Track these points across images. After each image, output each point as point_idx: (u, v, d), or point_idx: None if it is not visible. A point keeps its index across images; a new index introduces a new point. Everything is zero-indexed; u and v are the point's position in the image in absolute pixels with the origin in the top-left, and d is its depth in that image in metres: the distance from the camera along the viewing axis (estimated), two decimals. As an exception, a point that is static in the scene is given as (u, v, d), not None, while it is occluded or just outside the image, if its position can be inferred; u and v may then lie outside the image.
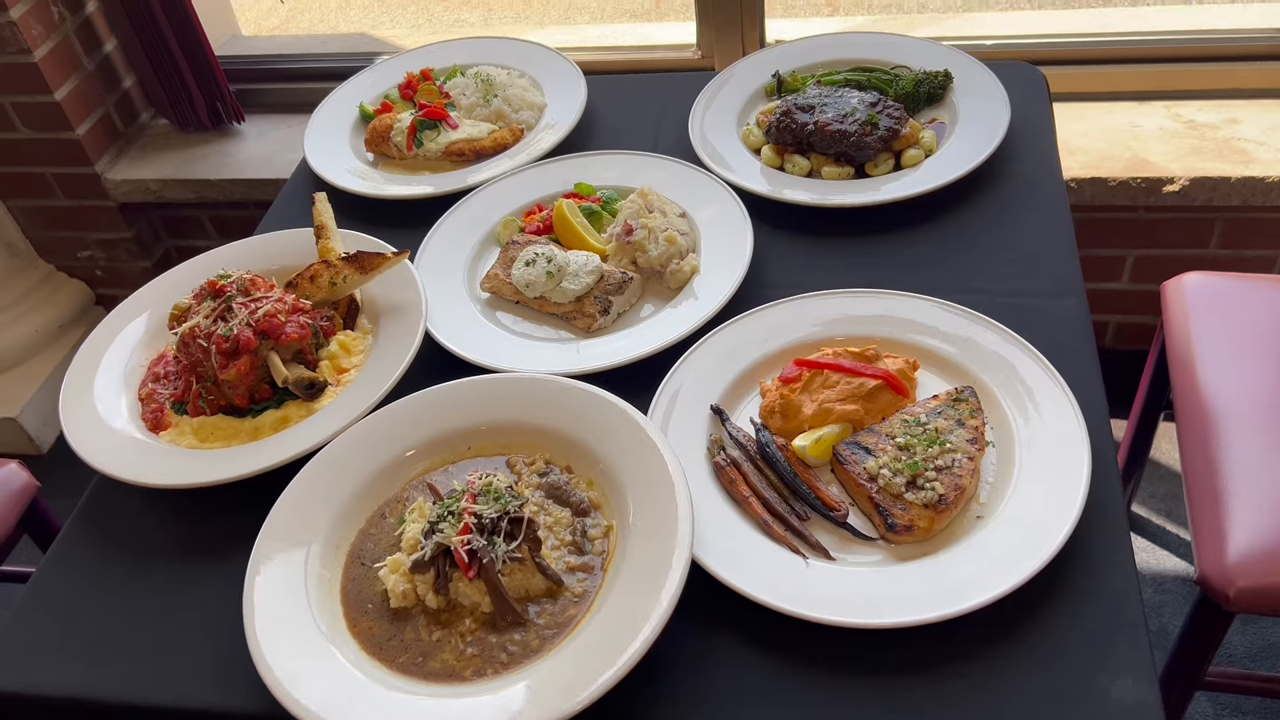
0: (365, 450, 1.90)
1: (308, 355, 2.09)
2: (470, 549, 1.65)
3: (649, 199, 2.30)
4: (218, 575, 1.82)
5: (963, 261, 2.19)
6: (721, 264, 2.20)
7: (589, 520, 1.79)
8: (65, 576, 1.88)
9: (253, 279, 2.08)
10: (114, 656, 1.74)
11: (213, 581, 1.82)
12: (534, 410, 1.92)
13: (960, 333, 1.97)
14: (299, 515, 1.81)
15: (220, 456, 1.98)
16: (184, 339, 2.04)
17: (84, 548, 1.93)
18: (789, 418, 1.87)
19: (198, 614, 1.78)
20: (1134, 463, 3.23)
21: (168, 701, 1.67)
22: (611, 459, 1.82)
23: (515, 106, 2.73)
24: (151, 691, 1.69)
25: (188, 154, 4.18)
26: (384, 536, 1.83)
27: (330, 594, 1.74)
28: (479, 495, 1.71)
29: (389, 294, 2.22)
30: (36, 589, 1.87)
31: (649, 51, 4.17)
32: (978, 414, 1.81)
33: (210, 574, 1.84)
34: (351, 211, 2.58)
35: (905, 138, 2.40)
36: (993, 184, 2.36)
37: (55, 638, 1.78)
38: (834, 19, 6.11)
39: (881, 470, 1.73)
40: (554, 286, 2.17)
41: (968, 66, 2.61)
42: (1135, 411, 3.04)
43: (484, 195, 2.49)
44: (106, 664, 1.73)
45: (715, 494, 1.81)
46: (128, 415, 2.10)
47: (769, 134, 2.49)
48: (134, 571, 1.87)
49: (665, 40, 4.33)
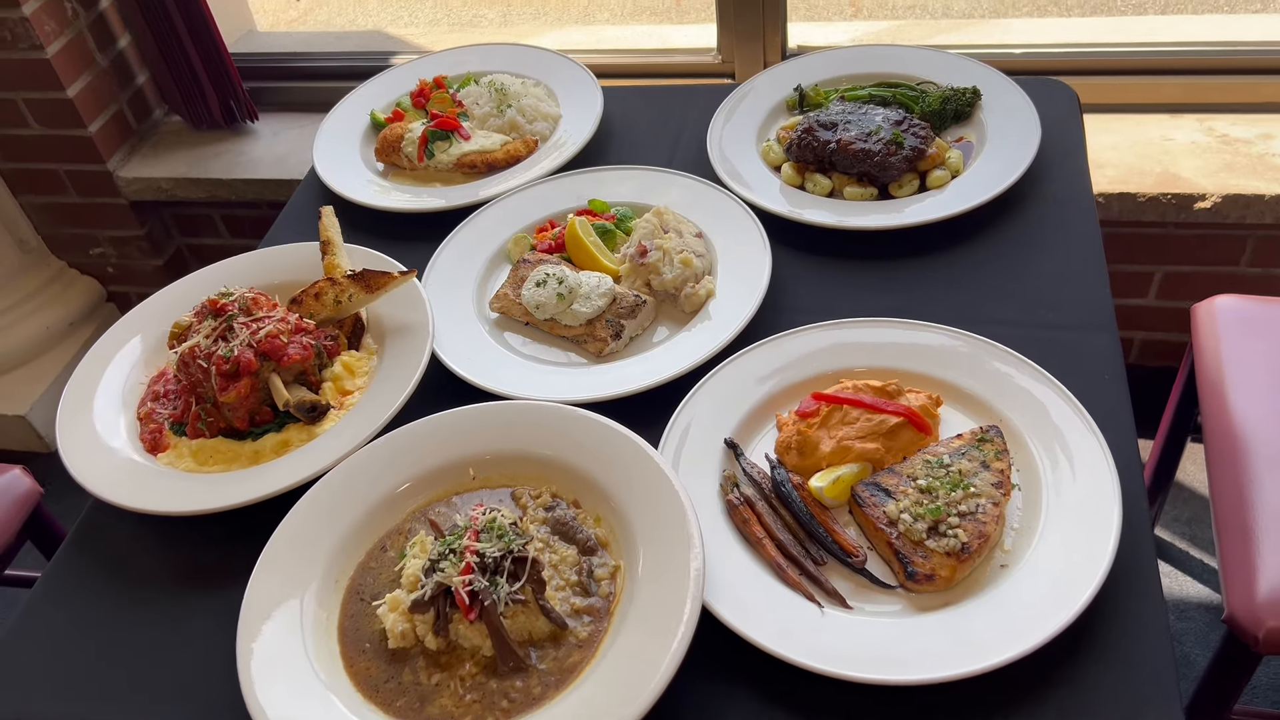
0: (365, 480, 1.84)
1: (310, 376, 2.03)
2: (472, 590, 1.59)
3: (664, 218, 2.23)
4: (212, 607, 1.76)
5: (990, 290, 2.11)
6: (738, 287, 2.13)
7: (596, 559, 1.72)
8: (56, 606, 1.83)
9: (254, 298, 2.02)
10: (101, 693, 1.69)
11: (206, 614, 1.76)
12: (541, 440, 1.86)
13: (986, 367, 1.89)
14: (296, 549, 1.75)
15: (218, 481, 1.92)
16: (183, 359, 1.98)
17: (76, 575, 1.88)
18: (806, 454, 1.80)
19: (189, 651, 1.72)
20: (1158, 485, 3.14)
21: (157, 742, 1.62)
22: (621, 495, 1.76)
23: (529, 117, 2.66)
24: (141, 730, 1.64)
25: (200, 152, 4.13)
26: (384, 571, 1.77)
27: (327, 633, 1.68)
28: (482, 532, 1.65)
29: (395, 313, 2.16)
30: (26, 618, 1.81)
31: (668, 55, 4.09)
32: (1003, 456, 1.73)
33: (204, 606, 1.78)
34: (360, 223, 2.52)
35: (931, 158, 2.32)
36: (1021, 207, 2.28)
37: (41, 670, 1.73)
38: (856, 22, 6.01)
39: (902, 515, 1.66)
40: (564, 309, 2.10)
41: (996, 83, 2.52)
42: (1161, 434, 2.96)
43: (495, 210, 2.42)
44: (93, 700, 1.68)
45: (727, 533, 1.74)
46: (126, 435, 2.05)
47: (789, 151, 2.41)
48: (125, 603, 1.81)
49: (684, 44, 4.26)
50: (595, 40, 4.46)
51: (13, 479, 2.78)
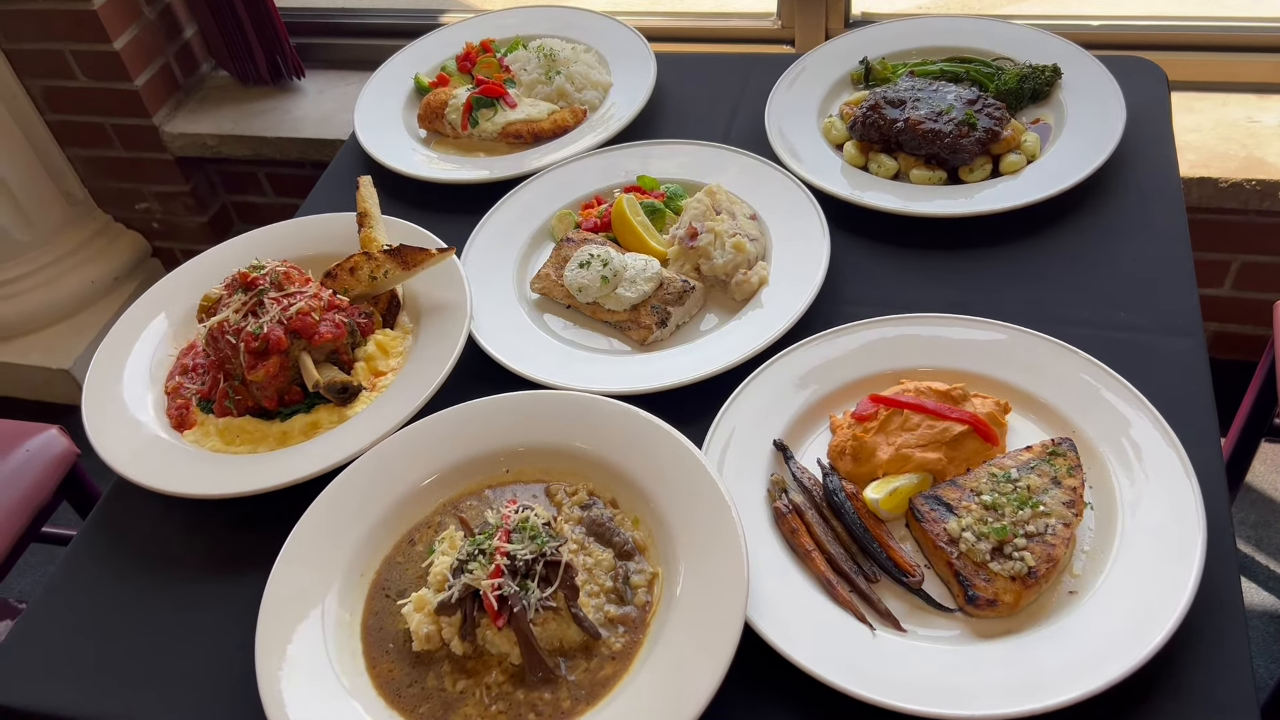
0: (394, 469, 1.76)
1: (343, 355, 1.95)
2: (501, 594, 1.50)
3: (716, 198, 2.11)
4: (233, 595, 1.70)
5: (1066, 286, 1.96)
6: (793, 275, 2.01)
7: (633, 565, 1.63)
8: (76, 589, 1.78)
9: (286, 272, 1.93)
10: (119, 680, 1.63)
11: (228, 603, 1.69)
12: (579, 434, 1.76)
13: (1060, 373, 1.76)
14: (319, 542, 1.68)
15: (245, 462, 1.85)
16: (212, 334, 1.90)
17: (97, 557, 1.82)
18: (861, 461, 1.68)
19: (210, 639, 1.66)
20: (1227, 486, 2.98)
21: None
22: (661, 496, 1.65)
23: (579, 85, 2.54)
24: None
25: (246, 109, 4.06)
26: (411, 566, 1.69)
27: (350, 632, 1.61)
28: (514, 532, 1.56)
29: (432, 291, 2.06)
30: (45, 601, 1.76)
31: (725, 19, 3.93)
32: (1076, 472, 1.60)
33: (225, 594, 1.71)
34: (400, 192, 2.43)
35: (1006, 140, 2.17)
36: (1102, 197, 2.12)
37: (60, 655, 1.68)
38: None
39: (964, 533, 1.54)
40: (608, 293, 1.99)
41: (1078, 60, 2.35)
42: (1234, 433, 2.80)
43: (540, 184, 2.31)
44: (110, 687, 1.63)
45: (774, 543, 1.63)
46: (153, 410, 1.98)
47: (853, 129, 2.27)
48: (145, 588, 1.75)
49: (743, 7, 4.09)
50: (650, 2, 4.31)
51: (49, 439, 2.74)
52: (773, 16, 3.77)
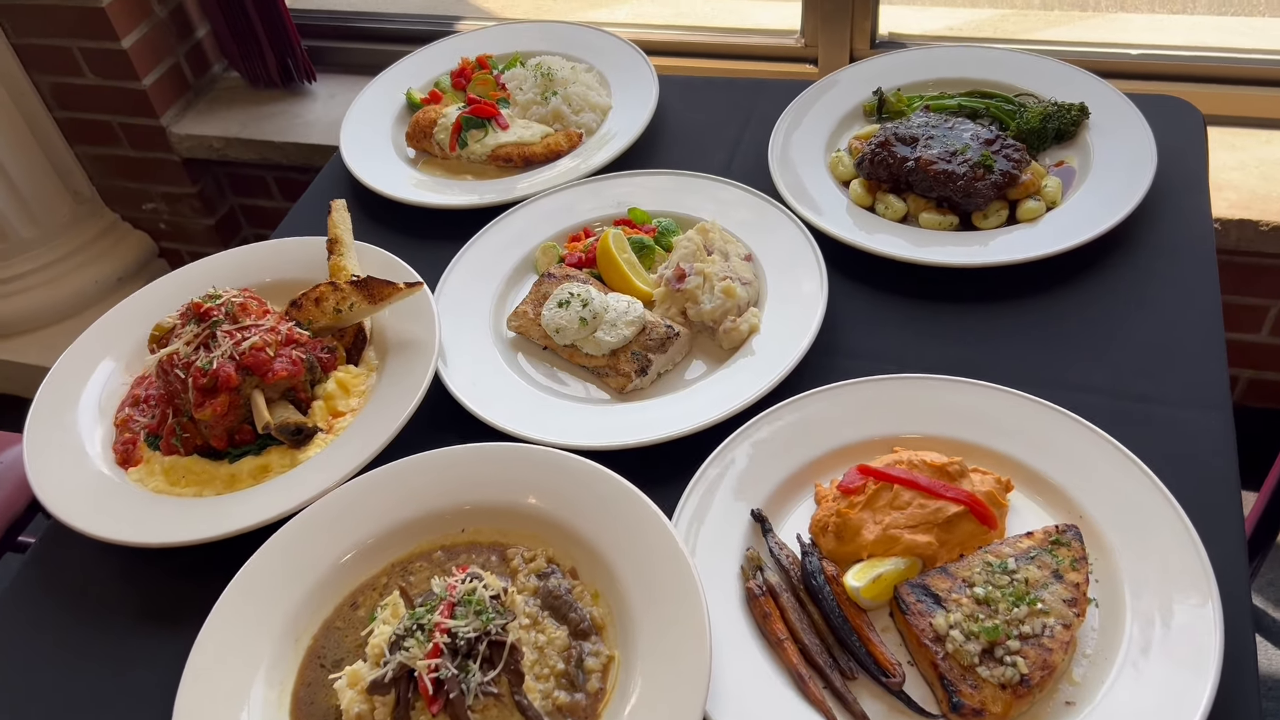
0: (342, 524, 1.63)
1: (300, 393, 1.83)
2: (438, 677, 1.37)
3: (709, 237, 1.96)
4: (170, 650, 1.55)
5: (1083, 349, 1.80)
6: (787, 323, 1.86)
7: (588, 646, 1.49)
8: (3, 634, 1.66)
9: (243, 303, 1.82)
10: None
11: (163, 659, 1.55)
12: (541, 493, 1.63)
13: (1069, 448, 1.60)
14: (256, 602, 1.55)
15: (188, 507, 1.73)
16: (162, 366, 1.79)
17: (30, 602, 1.70)
18: (845, 540, 1.53)
19: (139, 703, 1.53)
20: (1257, 544, 2.80)
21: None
22: (626, 571, 1.52)
23: (576, 107, 2.40)
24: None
25: (255, 112, 3.97)
26: (351, 632, 1.56)
27: (278, 709, 1.48)
28: (458, 605, 1.42)
29: (401, 325, 1.94)
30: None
31: (747, 35, 3.79)
32: (1081, 565, 1.44)
33: (161, 649, 1.58)
34: (381, 213, 2.31)
35: (1024, 185, 2.01)
36: (1128, 251, 1.95)
37: (-26, 708, 1.57)
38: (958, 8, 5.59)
39: (952, 631, 1.39)
40: (586, 335, 1.86)
41: (1108, 98, 2.18)
42: (1268, 487, 2.62)
43: (527, 211, 2.18)
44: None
45: (744, 626, 1.49)
46: (100, 444, 1.87)
47: (861, 166, 2.11)
48: (72, 640, 1.64)
49: (766, 23, 3.95)
50: (674, 14, 4.17)
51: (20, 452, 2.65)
52: (796, 34, 3.63)
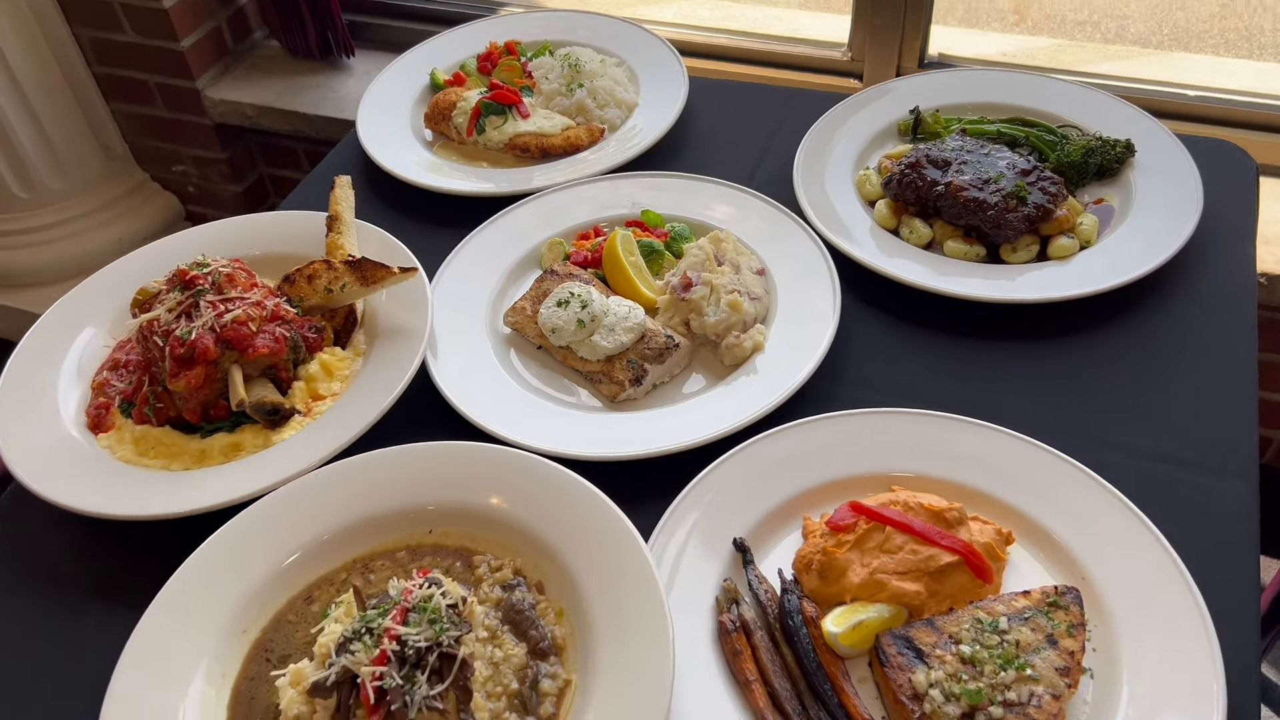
0: (306, 513, 1.56)
1: (281, 372, 1.76)
2: (381, 686, 1.29)
3: (722, 247, 1.88)
4: (121, 625, 1.46)
5: (1105, 401, 1.70)
6: (793, 344, 1.77)
7: (546, 667, 1.40)
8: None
9: (231, 274, 1.75)
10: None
11: (113, 633, 1.46)
12: (515, 499, 1.54)
13: (1079, 505, 1.50)
14: (207, 586, 1.48)
15: (153, 480, 1.67)
16: (142, 331, 1.73)
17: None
18: (829, 581, 1.44)
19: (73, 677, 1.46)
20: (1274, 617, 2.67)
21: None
22: (593, 591, 1.43)
23: (601, 101, 2.32)
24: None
25: (292, 82, 3.93)
26: (303, 628, 1.49)
27: (216, 702, 1.41)
28: (412, 611, 1.35)
29: (394, 310, 1.87)
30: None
31: (793, 45, 3.70)
32: (1078, 631, 1.34)
33: (114, 622, 1.50)
34: (390, 193, 2.24)
35: (1058, 220, 1.90)
36: (1163, 299, 1.84)
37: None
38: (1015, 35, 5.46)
39: (932, 690, 1.29)
40: (583, 338, 1.78)
41: (1156, 137, 2.07)
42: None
43: (538, 204, 2.10)
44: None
45: (712, 661, 1.40)
46: (76, 406, 1.81)
47: (889, 186, 2.02)
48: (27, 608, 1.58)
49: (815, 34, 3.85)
50: (721, 17, 4.09)
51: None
52: (843, 47, 3.53)
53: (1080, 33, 5.56)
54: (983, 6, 5.89)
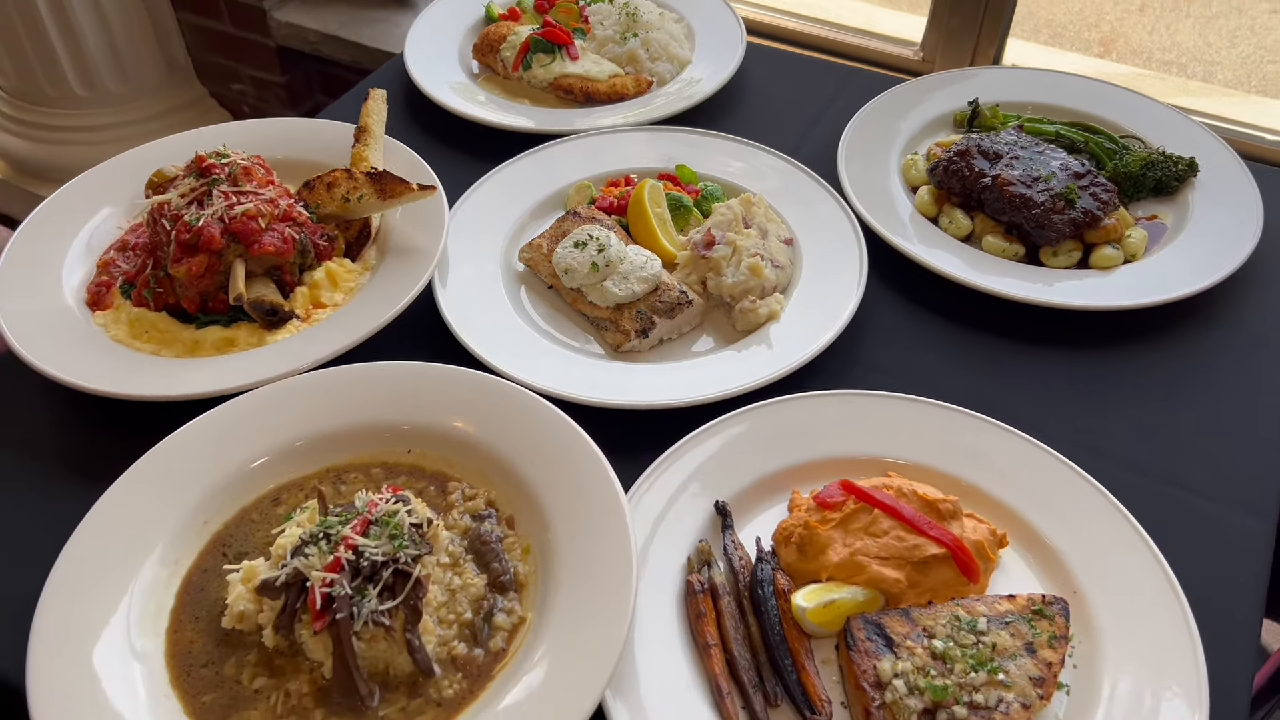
0: (285, 415, 1.52)
1: (286, 275, 1.72)
2: (330, 593, 1.25)
3: (752, 210, 1.81)
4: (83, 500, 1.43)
5: (1129, 419, 1.62)
6: (810, 319, 1.71)
7: (503, 602, 1.36)
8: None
9: (248, 167, 1.72)
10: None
11: (73, 506, 1.43)
12: (499, 432, 1.50)
13: (1084, 519, 1.42)
14: (176, 472, 1.45)
15: (140, 362, 1.64)
16: (152, 213, 1.70)
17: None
18: (808, 556, 1.38)
19: (38, 542, 1.43)
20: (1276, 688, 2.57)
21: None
22: (563, 533, 1.38)
23: (653, 54, 2.26)
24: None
25: (358, 14, 3.90)
26: (265, 528, 1.45)
27: (167, 586, 1.37)
28: (374, 524, 1.30)
29: (409, 230, 1.82)
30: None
31: (865, 38, 3.61)
32: (1059, 644, 1.27)
33: (76, 496, 1.46)
34: (426, 119, 2.20)
35: (1105, 230, 1.82)
36: (1203, 325, 1.76)
37: None
38: (1097, 60, 5.32)
39: (896, 680, 1.23)
40: (595, 282, 1.72)
41: (1221, 159, 1.98)
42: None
43: (573, 146, 2.05)
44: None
45: (674, 622, 1.34)
46: (79, 281, 1.79)
47: (934, 172, 1.94)
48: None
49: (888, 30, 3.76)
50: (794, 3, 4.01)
51: None
52: (916, 47, 3.43)
53: (1166, 69, 5.41)
54: (1069, 34, 5.74)
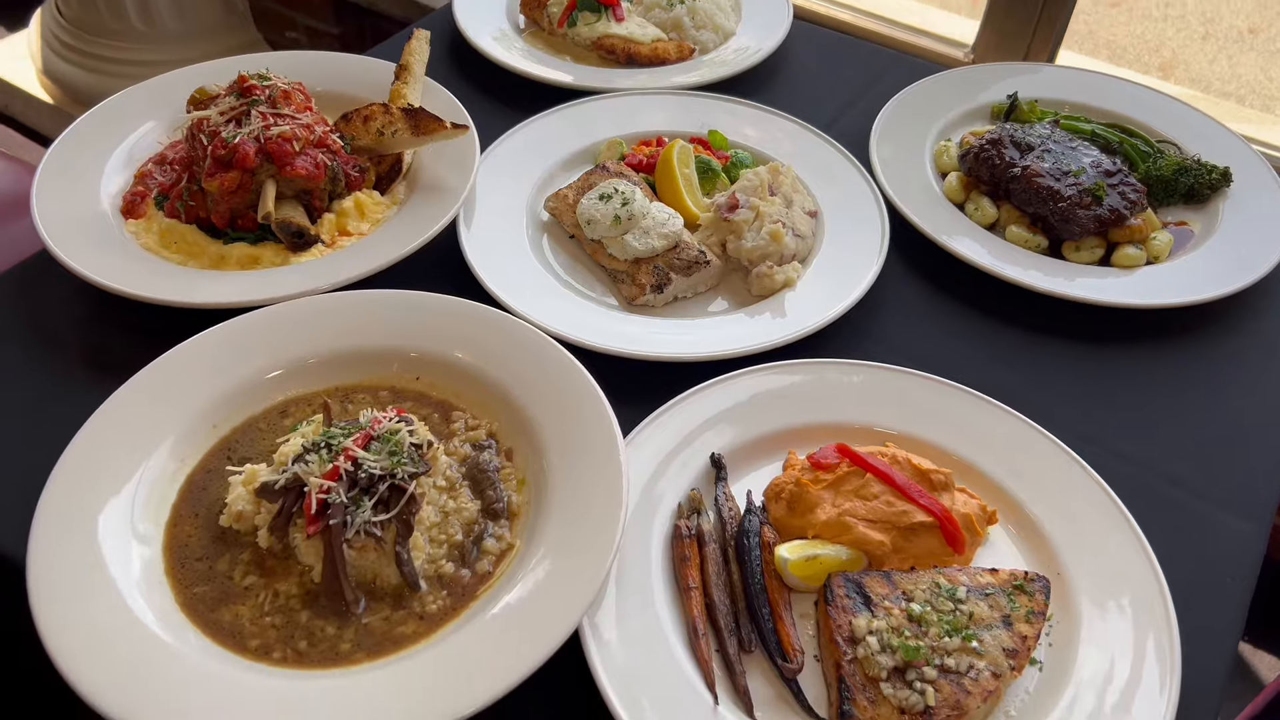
0: (300, 331, 1.56)
1: (315, 200, 1.76)
2: (326, 500, 1.28)
3: (778, 179, 1.83)
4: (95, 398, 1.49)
5: (1133, 412, 1.62)
6: (826, 290, 1.72)
7: (494, 527, 1.38)
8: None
9: (289, 91, 1.75)
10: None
11: (86, 402, 1.48)
12: (505, 367, 1.52)
13: (1075, 504, 1.43)
14: (192, 374, 1.48)
15: (166, 270, 1.68)
16: (191, 128, 1.74)
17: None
18: (796, 512, 1.40)
19: (50, 432, 1.47)
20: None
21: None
22: (558, 469, 1.41)
23: (698, 23, 2.28)
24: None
25: (419, -31, 3.94)
26: (270, 437, 1.49)
27: (172, 481, 1.41)
28: (375, 440, 1.33)
29: (439, 168, 1.86)
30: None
31: (916, 35, 3.60)
32: (1036, 620, 1.28)
33: (90, 392, 1.50)
34: (468, 66, 2.23)
35: (1131, 230, 1.81)
36: (1217, 332, 1.75)
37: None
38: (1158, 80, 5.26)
39: (870, 637, 1.24)
40: (616, 235, 1.74)
41: (1256, 172, 1.97)
42: None
43: (608, 103, 2.07)
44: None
45: (659, 565, 1.36)
46: (116, 189, 1.84)
47: (964, 159, 1.95)
48: (17, 359, 1.61)
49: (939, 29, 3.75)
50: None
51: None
52: (967, 49, 3.42)
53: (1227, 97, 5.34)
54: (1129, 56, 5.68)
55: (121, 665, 1.18)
